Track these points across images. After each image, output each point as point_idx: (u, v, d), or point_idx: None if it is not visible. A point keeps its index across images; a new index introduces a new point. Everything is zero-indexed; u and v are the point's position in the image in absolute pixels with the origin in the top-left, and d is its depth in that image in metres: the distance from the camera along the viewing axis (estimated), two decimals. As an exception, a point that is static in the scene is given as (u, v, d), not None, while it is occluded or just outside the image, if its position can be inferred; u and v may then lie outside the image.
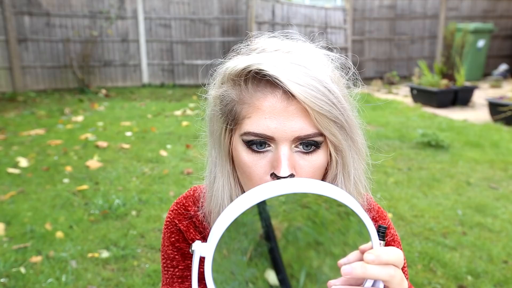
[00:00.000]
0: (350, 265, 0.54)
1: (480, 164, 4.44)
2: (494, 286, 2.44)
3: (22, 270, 2.54)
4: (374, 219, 0.88)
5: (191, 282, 0.84)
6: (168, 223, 0.87)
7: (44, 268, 2.56)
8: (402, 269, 0.88)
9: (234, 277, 0.58)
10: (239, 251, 0.58)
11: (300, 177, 0.68)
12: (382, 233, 0.59)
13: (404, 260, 0.90)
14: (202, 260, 0.56)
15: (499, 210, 3.36)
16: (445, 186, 3.86)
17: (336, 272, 0.57)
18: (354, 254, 0.57)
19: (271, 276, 0.58)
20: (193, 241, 0.86)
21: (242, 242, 0.58)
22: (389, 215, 3.24)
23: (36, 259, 2.65)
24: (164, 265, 0.88)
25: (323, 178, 0.74)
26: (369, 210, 0.88)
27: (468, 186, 3.85)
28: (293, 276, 0.58)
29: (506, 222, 3.16)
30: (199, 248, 0.56)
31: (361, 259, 0.56)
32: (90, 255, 2.71)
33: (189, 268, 0.86)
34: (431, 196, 3.64)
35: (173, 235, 0.86)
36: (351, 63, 0.77)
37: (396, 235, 0.90)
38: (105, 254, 2.72)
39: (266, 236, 0.58)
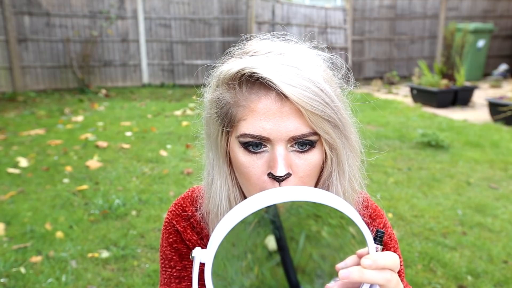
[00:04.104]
0: (347, 269, 0.55)
1: (480, 164, 4.44)
2: (494, 286, 2.44)
3: (22, 270, 2.54)
4: (371, 217, 0.89)
5: (188, 283, 0.85)
6: (166, 224, 0.89)
7: (44, 268, 2.56)
8: (399, 269, 0.88)
9: (233, 281, 0.59)
10: (238, 257, 0.59)
11: (297, 176, 0.69)
12: (380, 237, 0.60)
13: (401, 259, 0.90)
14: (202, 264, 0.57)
15: (499, 210, 3.36)
16: (445, 186, 3.86)
17: (333, 237, 0.59)
18: (352, 259, 0.58)
19: (271, 243, 0.59)
20: (190, 242, 0.87)
21: (240, 248, 0.58)
22: (389, 215, 3.24)
23: (36, 259, 2.65)
24: (162, 265, 0.89)
25: (319, 176, 0.75)
26: (365, 207, 0.89)
27: (468, 186, 3.85)
28: (293, 238, 0.59)
29: (506, 222, 3.16)
30: (199, 255, 0.56)
31: (359, 264, 0.57)
32: (90, 255, 2.71)
33: (186, 268, 0.87)
34: (431, 196, 3.64)
35: (171, 236, 0.87)
36: (343, 61, 0.78)
37: (393, 233, 0.91)
38: (105, 254, 2.72)
39: (277, 240, 0.60)
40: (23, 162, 4.38)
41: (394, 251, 0.89)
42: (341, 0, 14.95)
